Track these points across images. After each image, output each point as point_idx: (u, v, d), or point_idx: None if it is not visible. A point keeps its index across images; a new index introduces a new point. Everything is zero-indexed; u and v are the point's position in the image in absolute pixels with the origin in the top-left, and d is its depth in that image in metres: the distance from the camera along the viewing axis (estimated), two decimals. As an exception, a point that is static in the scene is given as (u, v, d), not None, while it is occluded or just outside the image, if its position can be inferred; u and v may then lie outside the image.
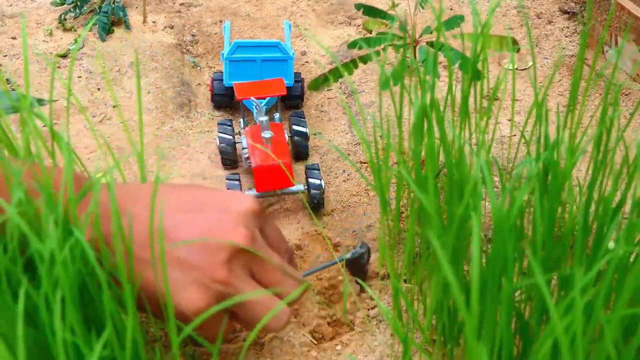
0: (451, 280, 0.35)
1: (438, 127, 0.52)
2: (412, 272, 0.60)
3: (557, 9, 1.05)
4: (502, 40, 0.73)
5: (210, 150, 0.83)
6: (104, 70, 0.92)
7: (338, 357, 0.61)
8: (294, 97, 0.87)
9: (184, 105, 0.89)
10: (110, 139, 0.83)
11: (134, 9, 1.04)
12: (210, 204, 0.54)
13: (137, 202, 0.51)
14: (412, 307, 0.57)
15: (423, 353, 0.57)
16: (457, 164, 0.49)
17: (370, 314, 0.64)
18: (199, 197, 0.54)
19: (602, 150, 0.52)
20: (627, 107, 0.88)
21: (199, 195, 0.54)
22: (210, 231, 0.52)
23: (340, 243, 0.71)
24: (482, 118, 0.56)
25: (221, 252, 0.51)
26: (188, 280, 0.51)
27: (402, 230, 0.68)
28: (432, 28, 0.74)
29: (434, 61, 0.56)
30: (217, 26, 1.03)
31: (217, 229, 0.52)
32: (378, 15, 0.77)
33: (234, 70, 0.86)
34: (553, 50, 0.98)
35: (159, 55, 0.95)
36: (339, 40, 1.00)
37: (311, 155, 0.82)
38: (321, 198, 0.74)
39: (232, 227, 0.52)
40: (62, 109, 0.86)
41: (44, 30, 0.99)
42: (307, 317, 0.63)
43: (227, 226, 0.52)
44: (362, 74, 0.93)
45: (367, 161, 0.80)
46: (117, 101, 0.88)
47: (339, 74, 0.75)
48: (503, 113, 0.88)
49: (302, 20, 1.05)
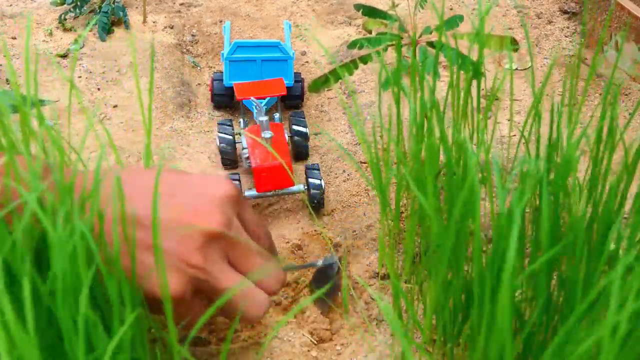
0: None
1: (438, 126, 0.52)
2: (412, 272, 0.60)
3: (557, 9, 1.05)
4: (501, 40, 0.73)
5: (210, 150, 0.83)
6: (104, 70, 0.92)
7: (338, 357, 0.61)
8: (294, 97, 0.87)
9: (184, 105, 0.89)
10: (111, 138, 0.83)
11: (134, 9, 1.04)
12: (186, 188, 0.52)
13: (107, 188, 0.49)
14: (412, 307, 0.57)
15: (423, 353, 0.57)
16: (457, 162, 0.49)
17: (370, 314, 0.64)
18: (174, 181, 0.53)
19: (602, 150, 0.52)
20: (627, 107, 0.88)
21: (175, 179, 0.53)
22: (185, 215, 0.50)
23: (340, 243, 0.71)
24: (482, 118, 0.56)
25: (196, 237, 0.50)
26: (164, 266, 0.49)
27: (402, 230, 0.68)
28: (432, 28, 0.74)
29: (434, 61, 0.56)
30: (217, 26, 1.03)
31: (193, 213, 0.51)
32: (378, 15, 0.77)
33: (234, 70, 0.86)
34: (553, 50, 0.98)
35: (159, 55, 0.95)
36: (339, 40, 1.00)
37: (311, 155, 0.82)
38: (321, 198, 0.74)
39: (208, 211, 0.51)
40: (62, 109, 0.86)
41: (44, 30, 0.99)
42: (307, 317, 0.63)
43: (202, 211, 0.51)
44: (362, 74, 0.93)
45: (367, 161, 0.80)
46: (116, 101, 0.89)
47: (339, 75, 0.75)
48: (503, 113, 0.88)
49: (302, 20, 1.05)
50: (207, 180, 0.54)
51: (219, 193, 0.52)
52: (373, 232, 0.72)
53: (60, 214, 0.42)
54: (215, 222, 0.51)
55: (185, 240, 0.50)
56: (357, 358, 0.60)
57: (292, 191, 0.75)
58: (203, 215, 0.51)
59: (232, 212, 0.53)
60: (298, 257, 0.70)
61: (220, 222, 0.51)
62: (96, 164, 0.46)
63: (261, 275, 0.54)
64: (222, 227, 0.51)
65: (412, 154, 0.54)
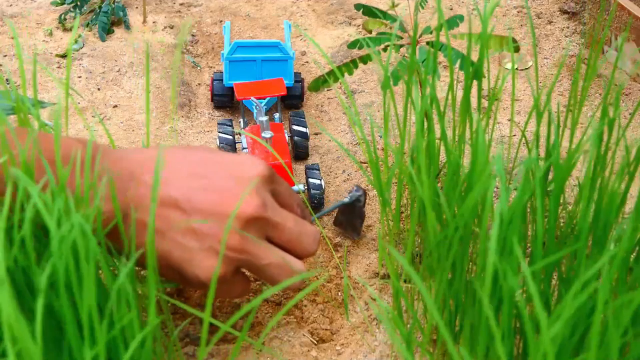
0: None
1: (439, 126, 0.52)
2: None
3: (557, 9, 1.05)
4: (502, 40, 0.73)
5: (210, 150, 0.83)
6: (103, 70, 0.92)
7: (338, 357, 0.61)
8: (294, 97, 0.87)
9: (184, 105, 0.89)
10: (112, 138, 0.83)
11: (134, 9, 1.04)
12: (220, 169, 0.54)
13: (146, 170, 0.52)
14: (412, 307, 0.57)
15: (424, 353, 0.57)
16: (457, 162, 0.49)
17: (370, 314, 0.64)
18: (208, 162, 0.55)
19: (603, 150, 0.52)
20: (627, 107, 0.88)
21: (208, 160, 0.55)
22: (222, 198, 0.52)
23: (341, 243, 0.71)
24: (482, 118, 0.56)
25: (234, 220, 0.52)
26: (203, 249, 0.52)
27: (402, 230, 0.68)
28: (432, 28, 0.74)
29: (434, 61, 0.56)
30: (217, 26, 1.03)
31: (230, 195, 0.52)
32: (378, 15, 0.77)
33: (234, 70, 0.86)
34: (553, 50, 0.98)
35: (159, 55, 0.95)
36: (339, 40, 1.00)
37: (311, 155, 0.82)
38: (321, 198, 0.74)
39: (244, 194, 0.53)
40: (62, 109, 0.86)
41: (44, 30, 0.99)
42: (307, 317, 0.63)
43: (238, 194, 0.53)
44: (362, 74, 0.93)
45: (366, 161, 0.80)
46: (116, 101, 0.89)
47: (339, 75, 0.75)
48: (503, 113, 0.88)
49: (302, 20, 1.05)
50: (240, 161, 0.55)
51: (254, 174, 0.54)
52: (373, 232, 0.72)
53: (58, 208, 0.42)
54: (252, 206, 0.53)
55: (224, 224, 0.52)
56: (357, 358, 0.60)
57: (292, 191, 0.75)
58: (239, 198, 0.52)
59: (266, 192, 0.55)
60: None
61: (256, 204, 0.53)
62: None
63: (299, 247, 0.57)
64: (258, 210, 0.53)
65: (411, 153, 0.54)
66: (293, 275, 0.55)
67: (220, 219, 0.52)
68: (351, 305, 0.65)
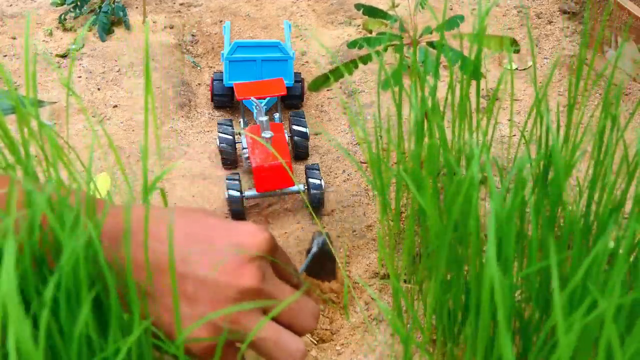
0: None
1: (438, 127, 0.52)
2: (412, 272, 0.60)
3: (557, 9, 1.05)
4: (501, 40, 0.73)
5: (210, 150, 0.83)
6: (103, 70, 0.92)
7: (338, 357, 0.61)
8: (294, 97, 0.87)
9: (184, 105, 0.89)
10: (111, 139, 0.83)
11: (134, 9, 1.04)
12: (220, 235, 0.52)
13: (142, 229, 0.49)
14: (412, 307, 0.57)
15: (424, 353, 0.57)
16: (457, 162, 0.49)
17: (370, 314, 0.64)
18: (207, 226, 0.52)
19: (603, 150, 0.52)
20: (627, 107, 0.88)
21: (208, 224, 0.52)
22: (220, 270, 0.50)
23: (341, 244, 0.71)
24: (482, 118, 0.56)
25: (230, 290, 0.49)
26: (195, 316, 0.49)
27: (402, 230, 0.68)
28: (432, 28, 0.74)
29: (435, 61, 0.56)
30: (217, 26, 1.03)
31: (228, 264, 0.50)
32: (378, 15, 0.77)
33: (234, 70, 0.86)
34: (553, 50, 0.98)
35: (159, 55, 0.95)
36: (339, 40, 1.00)
37: (311, 155, 0.82)
38: (321, 198, 0.74)
39: (243, 264, 0.50)
40: (62, 109, 0.86)
41: (44, 30, 0.99)
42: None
43: (238, 263, 0.50)
44: (362, 74, 0.93)
45: (366, 161, 0.80)
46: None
47: (339, 75, 0.75)
48: (503, 113, 0.88)
49: (302, 20, 1.05)
50: (241, 229, 0.53)
51: (254, 243, 0.51)
52: (373, 232, 0.72)
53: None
54: (250, 278, 0.50)
55: (220, 293, 0.49)
56: (357, 358, 0.60)
57: (292, 191, 0.75)
58: (238, 268, 0.50)
59: (266, 263, 0.52)
60: (298, 257, 0.70)
61: (255, 277, 0.50)
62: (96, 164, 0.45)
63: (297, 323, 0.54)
64: (255, 281, 0.50)
65: (412, 154, 0.54)
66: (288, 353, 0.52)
67: (215, 287, 0.49)
68: (351, 305, 0.65)
